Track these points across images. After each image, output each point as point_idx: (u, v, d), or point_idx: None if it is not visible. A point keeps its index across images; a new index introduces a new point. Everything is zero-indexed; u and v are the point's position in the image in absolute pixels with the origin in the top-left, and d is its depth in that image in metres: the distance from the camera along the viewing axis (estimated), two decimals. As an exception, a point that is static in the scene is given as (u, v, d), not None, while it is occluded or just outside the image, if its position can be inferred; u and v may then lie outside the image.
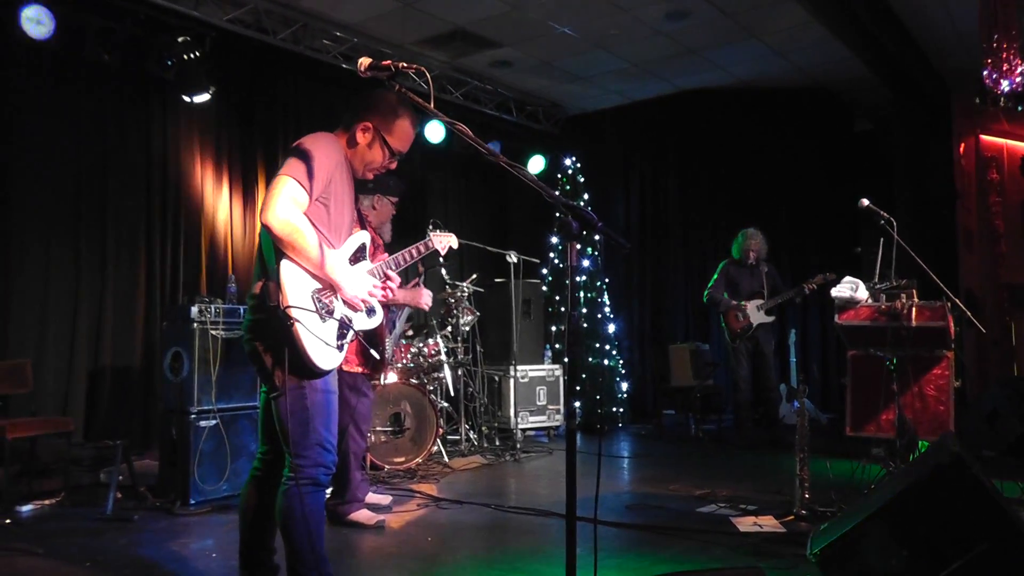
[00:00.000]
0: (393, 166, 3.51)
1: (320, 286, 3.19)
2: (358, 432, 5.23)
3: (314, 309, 3.13)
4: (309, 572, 3.17)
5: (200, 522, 5.30)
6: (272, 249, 3.13)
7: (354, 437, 5.19)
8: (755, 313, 8.21)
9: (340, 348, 3.27)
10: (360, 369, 5.14)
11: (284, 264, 3.09)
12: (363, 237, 3.47)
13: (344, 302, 3.28)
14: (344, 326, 3.27)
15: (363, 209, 5.37)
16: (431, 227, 5.05)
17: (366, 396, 5.27)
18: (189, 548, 4.69)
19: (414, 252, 4.28)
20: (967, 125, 9.49)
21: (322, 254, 3.14)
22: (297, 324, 3.05)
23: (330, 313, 3.20)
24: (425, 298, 5.39)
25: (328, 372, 3.24)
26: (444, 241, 4.82)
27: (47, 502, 5.78)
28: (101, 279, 7.40)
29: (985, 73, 6.82)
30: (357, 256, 3.42)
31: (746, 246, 8.33)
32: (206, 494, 5.60)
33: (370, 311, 3.45)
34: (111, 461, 5.86)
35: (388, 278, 3.55)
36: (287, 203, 3.04)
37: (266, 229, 3.06)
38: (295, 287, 3.10)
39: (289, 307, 3.04)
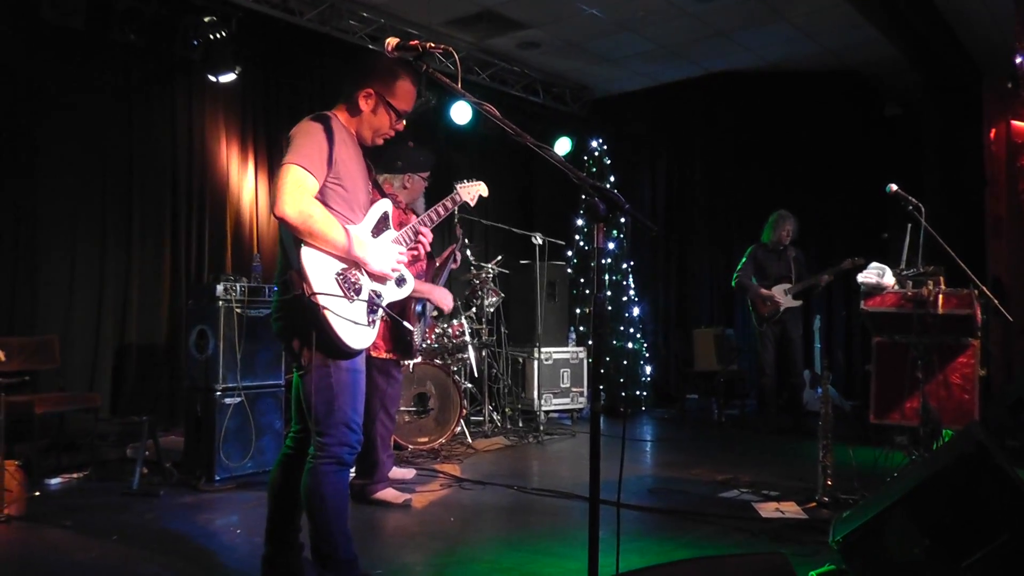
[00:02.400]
0: (400, 127, 3.47)
1: (344, 266, 3.18)
2: (387, 416, 5.25)
3: (340, 292, 3.13)
4: (332, 551, 3.20)
5: (225, 498, 5.36)
6: (291, 238, 3.13)
7: (383, 421, 5.21)
8: (783, 297, 8.17)
9: (372, 324, 3.27)
10: (389, 355, 5.16)
11: (304, 251, 3.08)
12: (384, 206, 3.47)
13: (371, 276, 3.29)
14: (373, 302, 3.27)
15: (394, 190, 5.34)
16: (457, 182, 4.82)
17: (396, 380, 5.28)
18: (214, 524, 4.74)
19: (440, 210, 4.14)
20: (998, 110, 9.34)
21: (345, 233, 3.15)
22: (325, 311, 3.05)
23: (357, 292, 3.20)
24: (446, 298, 5.34)
25: (361, 351, 3.26)
26: (473, 191, 4.60)
27: (75, 476, 5.87)
28: (127, 257, 7.46)
29: (1018, 58, 6.72)
30: (380, 227, 3.42)
31: (780, 229, 8.27)
32: (231, 471, 5.66)
33: (399, 280, 3.45)
34: (137, 437, 5.93)
35: (421, 234, 3.55)
36: (296, 191, 3.03)
37: (281, 221, 3.06)
38: (318, 272, 3.09)
39: (315, 294, 3.04)
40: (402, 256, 3.42)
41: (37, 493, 5.34)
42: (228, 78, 7.70)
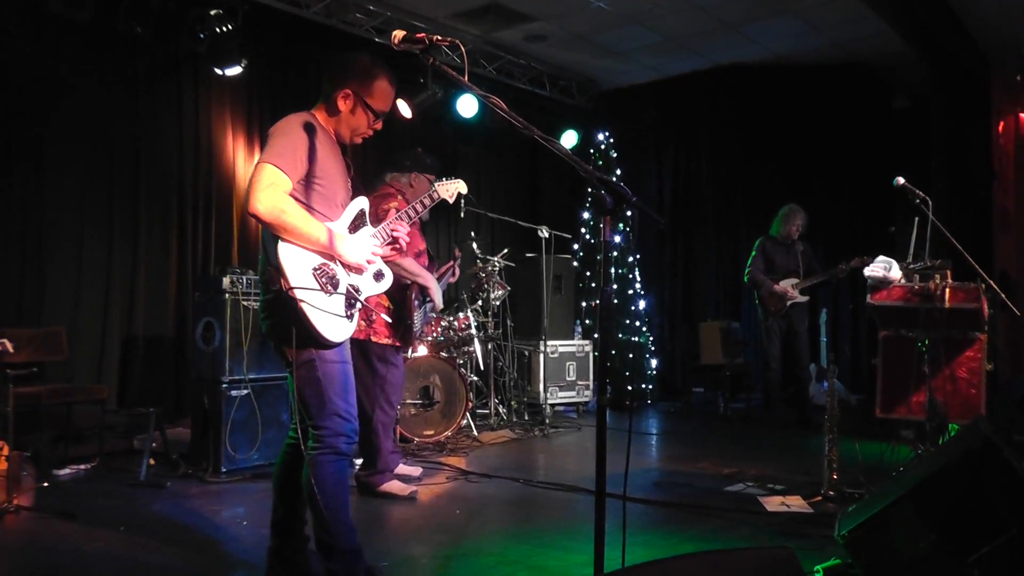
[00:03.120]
0: (379, 126, 3.50)
1: (321, 260, 3.21)
2: (387, 403, 5.24)
3: (317, 286, 3.15)
4: (334, 541, 3.23)
5: (231, 490, 5.38)
6: (269, 236, 3.16)
7: (383, 408, 5.20)
8: (794, 292, 8.15)
9: (350, 318, 3.30)
10: (389, 341, 5.17)
11: (281, 247, 3.10)
12: (361, 203, 3.49)
13: (347, 268, 3.30)
14: (351, 296, 3.30)
15: (400, 187, 5.35)
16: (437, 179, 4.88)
17: (395, 367, 5.28)
18: (220, 515, 4.76)
19: (419, 207, 4.16)
20: (1007, 103, 9.31)
21: (318, 227, 3.17)
22: (303, 304, 3.08)
23: (335, 286, 3.23)
24: (439, 295, 5.34)
25: (340, 344, 3.28)
26: (451, 188, 4.67)
27: (82, 467, 5.89)
28: (134, 249, 7.47)
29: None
30: (357, 223, 3.44)
31: (790, 223, 8.24)
32: (237, 463, 5.68)
33: (377, 275, 3.48)
34: (144, 428, 5.96)
35: (395, 230, 3.56)
36: (268, 188, 3.06)
37: (254, 218, 3.08)
38: (295, 267, 3.11)
39: (291, 288, 3.06)
40: (378, 249, 3.43)
41: (45, 484, 5.37)
42: (234, 71, 7.69)
